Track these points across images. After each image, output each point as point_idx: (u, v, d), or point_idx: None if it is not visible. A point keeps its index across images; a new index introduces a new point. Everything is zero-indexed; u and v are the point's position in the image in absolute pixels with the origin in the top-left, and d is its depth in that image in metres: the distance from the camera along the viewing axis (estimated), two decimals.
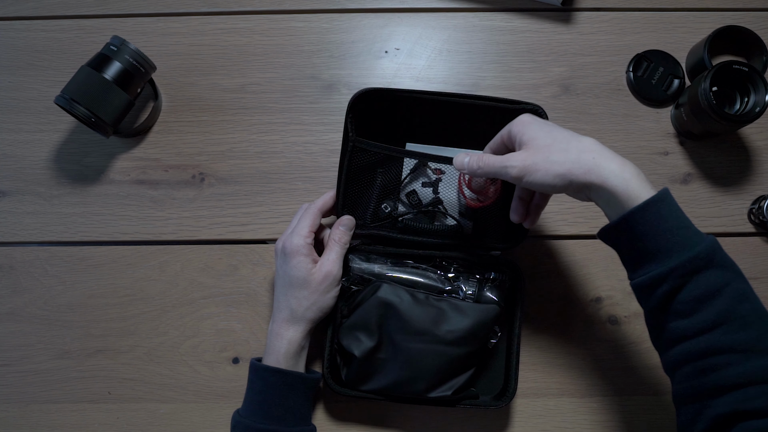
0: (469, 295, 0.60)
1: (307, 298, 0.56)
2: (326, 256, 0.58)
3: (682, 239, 0.43)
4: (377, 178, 0.64)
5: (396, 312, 0.58)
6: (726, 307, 0.42)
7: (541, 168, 0.47)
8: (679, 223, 0.44)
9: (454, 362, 0.58)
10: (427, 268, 0.62)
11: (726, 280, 0.43)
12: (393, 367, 0.58)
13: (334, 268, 0.57)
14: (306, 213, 0.59)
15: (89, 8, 0.75)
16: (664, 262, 0.43)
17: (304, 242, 0.57)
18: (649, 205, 0.43)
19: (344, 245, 0.59)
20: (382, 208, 0.64)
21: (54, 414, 0.65)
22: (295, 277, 0.56)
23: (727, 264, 0.44)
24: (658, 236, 0.43)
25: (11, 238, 0.69)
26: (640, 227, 0.44)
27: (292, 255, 0.56)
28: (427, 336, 0.58)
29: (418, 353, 0.58)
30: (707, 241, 0.43)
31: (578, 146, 0.47)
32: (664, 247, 0.43)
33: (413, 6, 0.75)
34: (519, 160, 0.48)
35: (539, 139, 0.48)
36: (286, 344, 0.56)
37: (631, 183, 0.44)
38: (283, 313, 0.57)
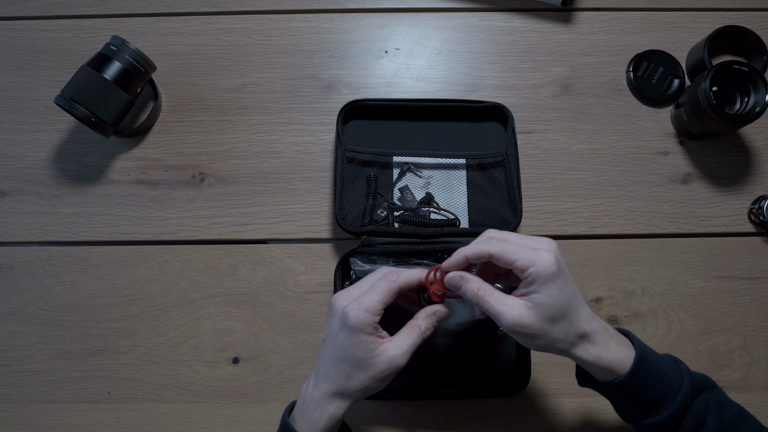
0: None
1: (361, 380, 0.48)
2: (399, 341, 0.49)
3: (668, 385, 0.47)
4: (371, 182, 0.66)
5: (405, 312, 0.58)
6: (716, 423, 0.47)
7: (533, 341, 0.46)
8: (660, 370, 0.47)
9: (465, 354, 0.58)
10: (429, 263, 0.62)
11: (706, 400, 0.48)
12: (405, 366, 0.58)
13: (402, 359, 0.48)
14: (383, 286, 0.48)
15: (89, 8, 0.75)
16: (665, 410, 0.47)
17: (372, 320, 0.47)
18: (638, 368, 0.46)
19: (424, 335, 0.50)
20: (378, 212, 0.64)
21: (54, 414, 0.65)
22: (353, 354, 0.47)
23: (702, 385, 0.49)
24: (649, 391, 0.47)
25: (11, 238, 0.69)
26: (637, 388, 0.47)
27: (355, 331, 0.47)
28: (437, 330, 0.58)
29: (429, 349, 0.58)
30: (684, 375, 0.48)
31: (579, 315, 0.46)
32: (657, 398, 0.47)
33: (413, 6, 0.75)
34: (519, 323, 0.45)
35: (552, 301, 0.44)
36: (327, 420, 0.49)
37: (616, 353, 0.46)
38: (329, 385, 0.49)
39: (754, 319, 0.66)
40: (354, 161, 0.66)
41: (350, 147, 0.66)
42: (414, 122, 0.68)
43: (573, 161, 0.70)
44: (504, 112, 0.67)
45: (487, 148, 0.68)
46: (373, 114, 0.68)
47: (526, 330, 0.45)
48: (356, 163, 0.66)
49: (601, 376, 0.48)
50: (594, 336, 0.46)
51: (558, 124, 0.71)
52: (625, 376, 0.46)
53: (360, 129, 0.68)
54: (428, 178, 0.67)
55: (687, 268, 0.68)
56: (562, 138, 0.71)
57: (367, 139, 0.68)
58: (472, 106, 0.67)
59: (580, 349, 0.46)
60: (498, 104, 0.67)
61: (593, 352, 0.46)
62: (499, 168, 0.66)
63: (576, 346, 0.46)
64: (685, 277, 0.67)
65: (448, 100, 0.67)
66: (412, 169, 0.67)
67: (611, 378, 0.47)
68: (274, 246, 0.68)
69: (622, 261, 0.68)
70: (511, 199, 0.65)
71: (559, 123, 0.71)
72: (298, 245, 0.68)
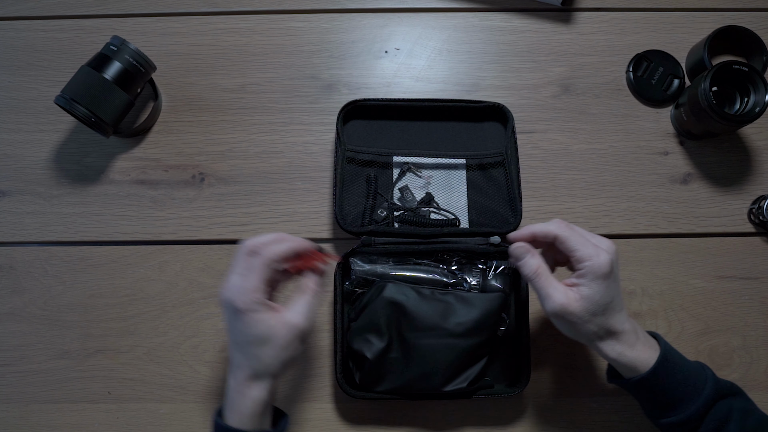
0: (473, 285, 0.61)
1: (271, 356, 0.49)
2: (296, 307, 0.50)
3: (690, 388, 0.50)
4: (371, 182, 0.66)
5: (403, 310, 0.58)
6: (738, 428, 0.49)
7: (570, 327, 0.50)
8: (683, 373, 0.50)
9: (466, 354, 0.58)
10: (429, 263, 0.62)
11: (730, 405, 0.50)
12: (406, 366, 0.58)
13: (303, 321, 0.49)
14: (255, 264, 0.49)
15: (89, 8, 0.75)
16: (682, 411, 0.50)
17: (255, 298, 0.48)
18: (658, 368, 0.49)
19: (316, 295, 0.52)
20: (378, 212, 0.64)
21: (54, 414, 0.65)
22: (252, 335, 0.48)
23: (727, 391, 0.51)
24: (670, 391, 0.50)
25: (11, 238, 0.69)
26: (657, 387, 0.50)
27: (246, 313, 0.47)
28: (437, 331, 0.58)
29: (429, 349, 0.58)
30: (708, 380, 0.50)
31: (615, 315, 0.50)
32: (677, 399, 0.50)
33: (413, 6, 0.75)
34: (565, 309, 0.49)
35: (599, 297, 0.49)
36: (250, 404, 0.49)
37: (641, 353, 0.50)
38: (243, 371, 0.49)
39: (754, 319, 0.66)
40: (354, 161, 0.66)
41: (350, 147, 0.66)
42: (414, 122, 0.68)
43: (573, 161, 0.70)
44: (504, 112, 0.67)
45: (487, 148, 0.68)
46: (373, 114, 0.68)
47: (566, 316, 0.49)
48: (356, 163, 0.66)
49: (625, 373, 0.52)
50: (622, 335, 0.50)
51: (558, 124, 0.71)
52: (646, 374, 0.49)
53: (360, 129, 0.68)
54: (428, 178, 0.67)
55: (687, 268, 0.68)
56: (562, 138, 0.71)
57: (367, 139, 0.68)
58: (472, 106, 0.67)
59: (606, 344, 0.50)
60: (498, 104, 0.67)
61: (618, 349, 0.50)
62: (499, 168, 0.66)
63: (603, 341, 0.50)
64: (685, 277, 0.67)
65: (448, 100, 0.68)
66: (412, 169, 0.67)
67: (634, 375, 0.50)
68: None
69: (622, 261, 0.66)
70: (511, 199, 0.65)
71: (559, 123, 0.71)
72: None
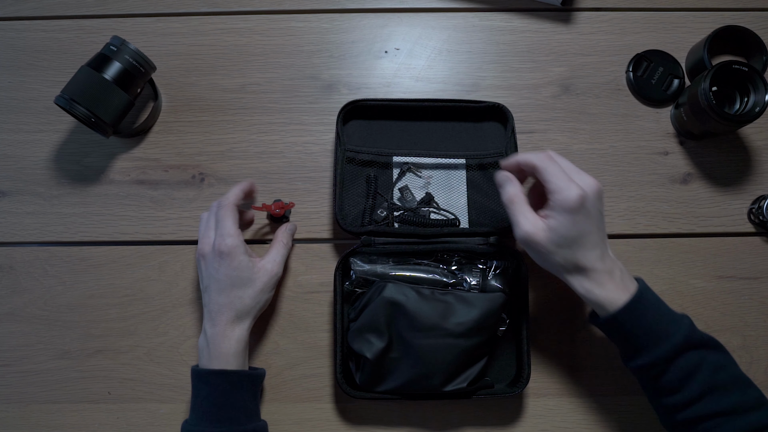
0: (473, 285, 0.61)
1: (252, 297, 0.57)
2: (271, 256, 0.60)
3: (661, 332, 0.49)
4: (371, 182, 0.66)
5: (403, 310, 0.58)
6: (706, 380, 0.48)
7: (539, 257, 0.53)
8: (655, 317, 0.50)
9: (466, 354, 0.58)
10: (429, 263, 0.62)
11: (702, 356, 0.49)
12: (406, 366, 0.58)
13: (278, 269, 0.59)
14: (225, 212, 0.58)
15: (89, 8, 0.75)
16: (647, 354, 0.50)
17: (239, 241, 0.57)
18: (628, 308, 0.50)
19: (287, 246, 0.62)
20: (378, 212, 0.64)
21: (54, 414, 0.65)
22: (237, 277, 0.56)
23: (702, 341, 0.50)
24: (639, 333, 0.50)
25: (11, 238, 0.69)
26: (623, 327, 0.51)
27: (231, 256, 0.56)
28: (437, 330, 0.58)
29: (429, 349, 0.58)
30: (682, 327, 0.50)
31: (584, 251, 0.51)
32: (645, 342, 0.50)
33: (413, 6, 0.75)
34: (532, 238, 0.51)
35: (565, 231, 0.50)
36: (234, 344, 0.56)
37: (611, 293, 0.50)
38: (226, 315, 0.56)
39: (754, 319, 0.66)
40: (354, 161, 0.66)
41: (350, 147, 0.66)
42: (414, 122, 0.69)
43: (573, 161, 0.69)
44: (504, 112, 0.67)
45: (487, 148, 0.68)
46: (373, 114, 0.68)
47: (531, 245, 0.51)
48: (356, 163, 0.66)
49: (598, 312, 0.52)
50: (592, 273, 0.51)
51: (558, 124, 0.71)
52: (614, 313, 0.50)
53: (360, 129, 0.68)
54: (428, 178, 0.67)
55: (687, 268, 0.68)
56: (562, 138, 0.71)
57: (367, 139, 0.68)
58: (472, 106, 0.67)
59: (573, 278, 0.51)
60: (498, 104, 0.67)
61: (585, 285, 0.51)
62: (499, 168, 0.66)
63: (571, 275, 0.51)
64: (685, 277, 0.67)
65: (448, 100, 0.68)
66: (412, 169, 0.67)
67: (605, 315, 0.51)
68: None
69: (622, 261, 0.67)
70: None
71: (559, 123, 0.71)
72: (298, 245, 0.68)
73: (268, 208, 0.65)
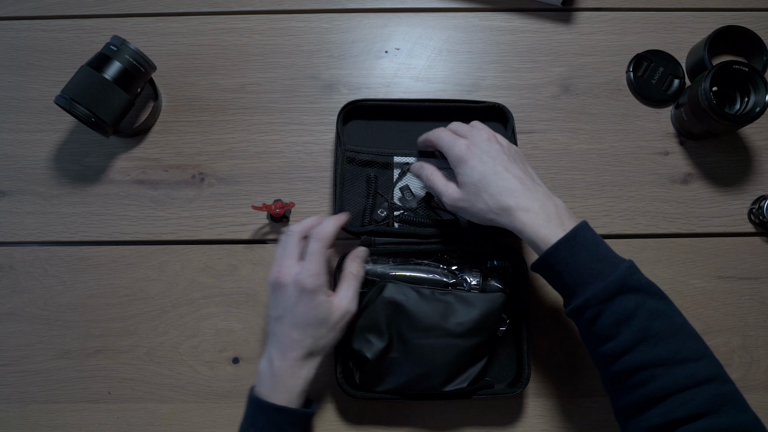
0: (474, 285, 0.61)
1: (325, 337, 0.54)
2: (344, 292, 0.56)
3: (595, 271, 0.48)
4: (371, 182, 0.66)
5: (403, 310, 0.58)
6: (642, 325, 0.46)
7: (468, 212, 0.55)
8: (591, 256, 0.48)
9: (466, 354, 0.58)
10: (429, 263, 0.62)
11: (639, 301, 0.47)
12: (406, 366, 0.58)
13: (353, 306, 0.56)
14: (320, 247, 0.55)
15: (89, 8, 0.75)
16: (581, 294, 0.48)
17: (323, 281, 0.54)
18: (561, 245, 0.49)
19: (361, 279, 0.58)
20: (378, 212, 0.64)
21: (54, 414, 0.65)
22: (315, 317, 0.53)
23: (640, 286, 0.48)
24: (572, 272, 0.49)
25: (11, 238, 0.69)
26: (556, 266, 0.49)
27: (313, 294, 0.53)
28: (437, 331, 0.58)
29: (429, 349, 0.58)
30: (619, 268, 0.47)
31: (499, 185, 0.53)
32: (579, 281, 0.48)
33: (413, 6, 0.75)
34: (451, 198, 0.56)
35: (467, 176, 0.54)
36: (302, 383, 0.54)
37: (542, 228, 0.50)
38: (298, 351, 0.53)
39: (754, 319, 0.66)
40: (354, 161, 0.66)
41: (350, 147, 0.66)
42: (414, 122, 0.68)
43: (573, 161, 0.70)
44: (504, 112, 0.67)
45: None
46: (373, 114, 0.68)
47: (458, 206, 0.55)
48: (356, 163, 0.66)
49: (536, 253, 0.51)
50: (518, 212, 0.51)
51: (558, 124, 0.71)
52: (547, 250, 0.49)
53: (360, 129, 0.68)
54: None
55: (687, 268, 0.68)
56: (562, 138, 0.71)
57: (367, 139, 0.68)
58: (472, 106, 0.67)
59: (504, 219, 0.52)
60: (498, 104, 0.67)
61: (517, 225, 0.51)
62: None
63: (500, 216, 0.52)
64: (685, 277, 0.67)
65: (448, 100, 0.67)
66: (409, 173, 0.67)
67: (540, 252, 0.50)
68: (274, 246, 0.68)
69: None
70: None
71: (559, 123, 0.71)
72: None
73: (268, 208, 0.65)
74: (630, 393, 0.47)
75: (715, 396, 0.44)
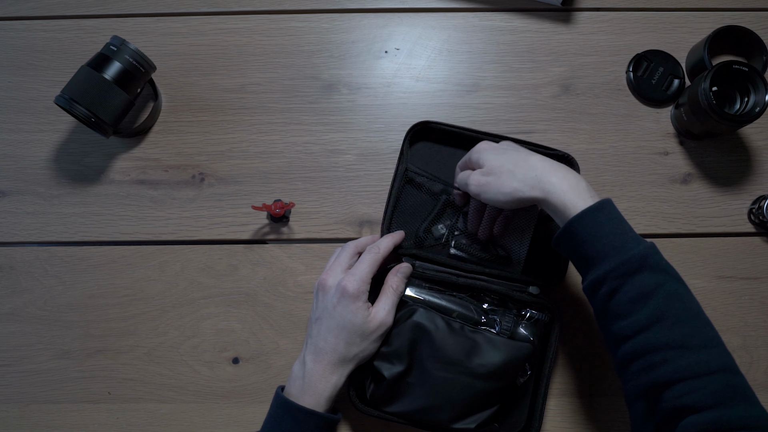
0: (504, 329, 0.59)
1: (359, 345, 0.55)
2: (382, 305, 0.56)
3: (618, 244, 0.47)
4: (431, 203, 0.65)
5: (429, 338, 0.57)
6: (659, 306, 0.45)
7: (492, 188, 0.54)
8: (615, 229, 0.48)
9: (482, 396, 0.57)
10: (464, 297, 0.61)
11: (659, 281, 0.46)
12: (420, 393, 0.57)
13: (389, 319, 0.56)
14: (372, 258, 0.57)
15: (89, 8, 0.75)
16: (601, 265, 0.48)
17: (366, 288, 0.55)
18: (586, 214, 0.48)
19: (400, 294, 0.58)
20: (438, 227, 0.64)
21: (54, 414, 0.65)
22: (351, 322, 0.54)
23: (661, 267, 0.47)
24: (595, 242, 0.48)
25: (11, 238, 0.69)
26: (579, 235, 0.49)
27: (353, 299, 0.54)
28: (458, 367, 0.57)
29: (446, 382, 0.57)
30: (642, 245, 0.47)
31: (524, 165, 0.53)
32: (601, 252, 0.48)
33: (413, 6, 0.75)
34: (475, 180, 0.56)
35: (491, 161, 0.55)
36: (331, 388, 0.54)
37: (569, 194, 0.50)
38: (330, 356, 0.54)
39: (754, 319, 0.66)
40: (413, 182, 0.65)
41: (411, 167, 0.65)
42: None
43: None
44: (571, 162, 0.64)
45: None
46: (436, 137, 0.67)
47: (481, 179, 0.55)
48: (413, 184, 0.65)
49: (560, 224, 0.51)
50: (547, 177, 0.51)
51: (558, 124, 0.71)
52: (573, 218, 0.49)
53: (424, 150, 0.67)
54: None
55: (687, 268, 0.68)
56: (562, 138, 0.71)
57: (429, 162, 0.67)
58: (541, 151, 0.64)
59: (530, 187, 0.52)
60: (567, 155, 0.64)
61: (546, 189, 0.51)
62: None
63: (526, 185, 0.52)
64: (685, 277, 0.66)
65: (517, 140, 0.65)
66: None
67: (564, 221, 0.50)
68: (274, 246, 0.68)
69: None
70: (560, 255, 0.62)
71: (559, 123, 0.71)
72: (298, 245, 0.68)
73: (268, 208, 0.65)
74: (641, 375, 0.46)
75: (726, 387, 0.43)
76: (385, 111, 0.71)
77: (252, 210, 0.66)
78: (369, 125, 0.71)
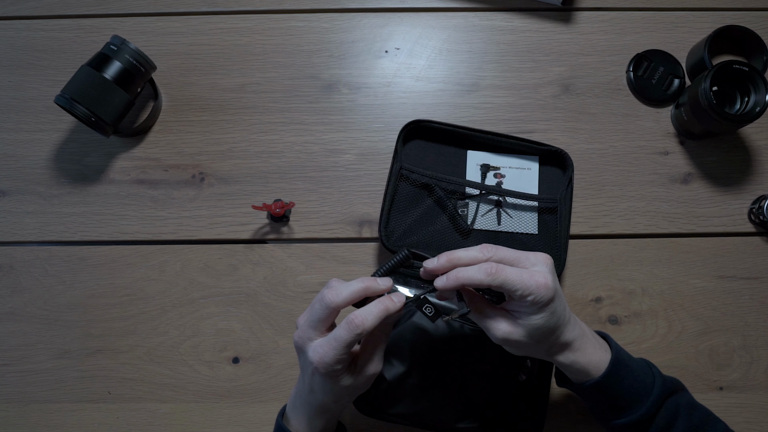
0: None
1: (345, 400, 0.50)
2: (370, 357, 0.48)
3: (640, 389, 0.49)
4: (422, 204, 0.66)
5: (430, 339, 0.57)
6: (686, 422, 0.50)
7: (520, 349, 0.47)
8: (632, 373, 0.50)
9: (484, 394, 0.57)
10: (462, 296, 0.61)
11: (677, 401, 0.50)
12: (422, 394, 0.57)
13: (379, 368, 0.49)
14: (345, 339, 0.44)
15: (89, 8, 0.75)
16: (635, 411, 0.49)
17: (341, 366, 0.46)
18: (612, 370, 0.49)
19: (386, 340, 0.50)
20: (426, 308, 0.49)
21: (54, 414, 0.65)
22: (331, 391, 0.48)
23: (672, 386, 0.51)
24: (623, 396, 0.49)
25: (11, 238, 0.69)
26: (608, 391, 0.50)
27: (328, 377, 0.46)
28: (459, 366, 0.57)
29: (448, 382, 0.56)
30: (657, 379, 0.50)
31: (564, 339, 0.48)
32: (628, 402, 0.49)
33: (413, 6, 0.75)
34: (504, 332, 0.46)
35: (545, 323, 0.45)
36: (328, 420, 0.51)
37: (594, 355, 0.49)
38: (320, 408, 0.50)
39: (754, 319, 0.66)
40: (408, 180, 0.66)
41: (406, 166, 0.65)
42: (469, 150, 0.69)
43: (573, 161, 0.70)
44: (564, 159, 0.66)
45: (540, 191, 0.67)
46: (429, 135, 0.68)
47: (512, 344, 0.47)
48: (409, 182, 0.66)
49: (576, 378, 0.51)
50: (573, 344, 0.48)
51: (558, 124, 0.71)
52: (599, 378, 0.49)
53: (417, 149, 0.68)
54: None
55: (687, 268, 0.68)
56: (562, 138, 0.71)
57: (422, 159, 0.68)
58: (534, 147, 0.67)
59: (559, 356, 0.49)
60: (560, 150, 0.66)
61: (570, 357, 0.49)
62: (550, 215, 0.66)
63: (557, 354, 0.49)
64: (685, 277, 0.67)
65: (510, 136, 0.67)
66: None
67: (586, 380, 0.50)
68: (274, 246, 0.68)
69: (622, 261, 0.68)
70: (557, 248, 0.64)
71: (559, 123, 0.71)
72: (298, 245, 0.68)
73: (268, 208, 0.65)
74: None
75: None
76: (385, 111, 0.71)
77: (252, 210, 0.66)
78: (369, 125, 0.71)
